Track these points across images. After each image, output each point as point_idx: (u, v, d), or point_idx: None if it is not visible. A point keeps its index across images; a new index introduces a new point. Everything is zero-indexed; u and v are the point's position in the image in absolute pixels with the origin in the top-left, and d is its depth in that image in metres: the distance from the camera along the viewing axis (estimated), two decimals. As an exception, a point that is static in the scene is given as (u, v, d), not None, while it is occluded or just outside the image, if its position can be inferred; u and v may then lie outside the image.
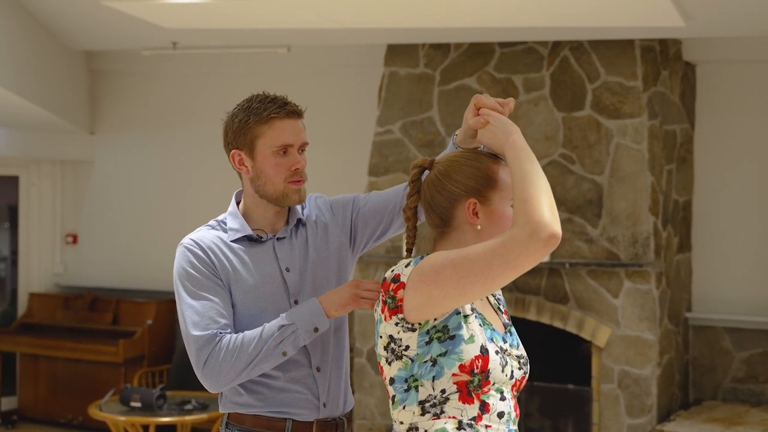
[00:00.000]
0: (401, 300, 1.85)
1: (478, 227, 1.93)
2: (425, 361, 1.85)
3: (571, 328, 5.21)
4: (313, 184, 6.80)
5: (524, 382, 1.98)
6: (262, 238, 2.37)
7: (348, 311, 2.29)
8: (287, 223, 2.42)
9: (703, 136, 5.69)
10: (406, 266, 1.88)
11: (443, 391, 1.85)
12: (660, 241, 5.16)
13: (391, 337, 1.89)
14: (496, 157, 1.98)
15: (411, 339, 1.86)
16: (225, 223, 2.39)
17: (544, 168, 5.39)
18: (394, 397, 1.91)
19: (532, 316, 5.30)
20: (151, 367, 6.79)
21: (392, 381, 1.91)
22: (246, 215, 2.40)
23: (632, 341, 5.08)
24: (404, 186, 2.46)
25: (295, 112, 2.34)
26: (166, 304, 7.11)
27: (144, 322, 7.00)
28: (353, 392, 5.95)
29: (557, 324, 5.25)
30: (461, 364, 1.83)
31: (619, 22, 4.89)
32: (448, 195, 1.94)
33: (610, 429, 5.10)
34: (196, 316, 2.25)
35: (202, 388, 6.44)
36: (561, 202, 5.31)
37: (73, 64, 7.36)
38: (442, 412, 1.85)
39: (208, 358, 2.21)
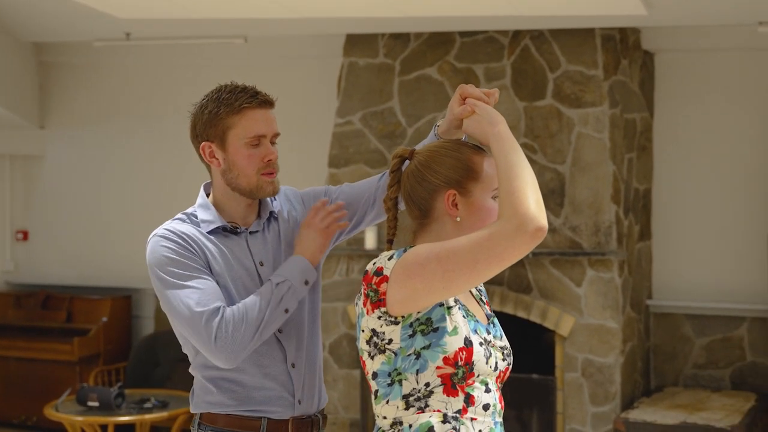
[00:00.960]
0: (384, 293, 1.81)
1: (458, 219, 1.90)
2: (408, 355, 1.82)
3: (534, 318, 5.21)
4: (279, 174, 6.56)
5: (508, 373, 1.95)
6: (237, 229, 2.31)
7: (327, 249, 2.31)
8: (259, 216, 2.36)
9: (662, 125, 5.72)
10: (389, 259, 1.83)
11: (427, 385, 1.81)
12: (622, 230, 5.18)
13: (373, 330, 1.85)
14: (478, 148, 1.95)
15: (394, 332, 1.83)
16: (195, 216, 2.31)
17: (505, 158, 5.40)
18: (377, 391, 1.87)
19: (495, 306, 5.29)
20: (107, 366, 6.66)
21: (375, 375, 1.87)
22: (217, 208, 2.32)
23: (595, 330, 5.09)
24: (378, 177, 2.43)
25: (267, 102, 2.29)
26: (121, 300, 6.98)
27: (99, 320, 6.86)
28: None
29: (521, 314, 5.24)
30: (445, 357, 1.80)
31: (581, 10, 4.89)
32: (427, 186, 1.91)
33: (575, 418, 5.11)
34: (194, 295, 2.17)
35: (160, 386, 6.37)
36: (523, 192, 5.30)
37: (22, 57, 7.18)
38: (427, 405, 1.82)
39: (217, 332, 2.14)
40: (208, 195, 2.37)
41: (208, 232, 2.27)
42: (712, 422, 4.63)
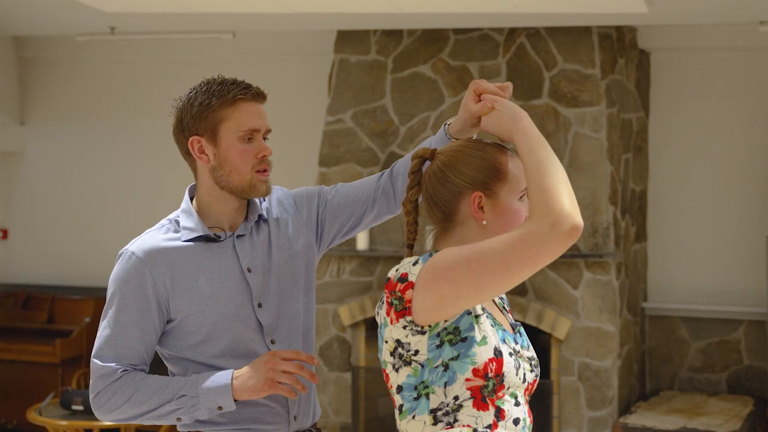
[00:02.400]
0: (409, 301, 1.70)
1: (484, 222, 1.79)
2: (436, 366, 1.71)
3: (530, 321, 5.12)
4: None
5: (535, 385, 1.85)
6: (219, 237, 2.15)
7: (261, 397, 2.07)
8: (246, 219, 2.20)
9: (658, 125, 5.66)
10: (413, 264, 1.72)
11: (456, 398, 1.70)
12: (619, 231, 5.11)
13: (398, 341, 1.74)
14: (502, 147, 1.84)
15: (420, 343, 1.72)
16: (178, 222, 2.17)
17: (500, 157, 5.31)
18: (401, 406, 1.76)
19: (490, 308, 5.20)
20: (90, 368, 6.52)
21: (400, 389, 1.75)
22: (201, 212, 2.17)
23: (592, 333, 5.01)
24: (377, 177, 2.29)
25: (261, 95, 2.17)
26: (104, 300, 6.80)
27: (81, 321, 6.71)
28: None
29: (516, 316, 5.16)
30: (474, 368, 1.69)
31: (577, 8, 4.80)
32: (451, 188, 1.80)
33: (571, 422, 5.03)
34: (105, 345, 2.08)
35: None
36: (519, 192, 5.22)
37: (1, 51, 7.01)
38: (456, 420, 1.71)
39: (101, 391, 2.06)
40: (192, 198, 2.22)
41: (186, 241, 2.13)
42: (712, 428, 4.57)
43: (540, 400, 5.09)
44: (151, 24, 6.07)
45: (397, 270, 1.75)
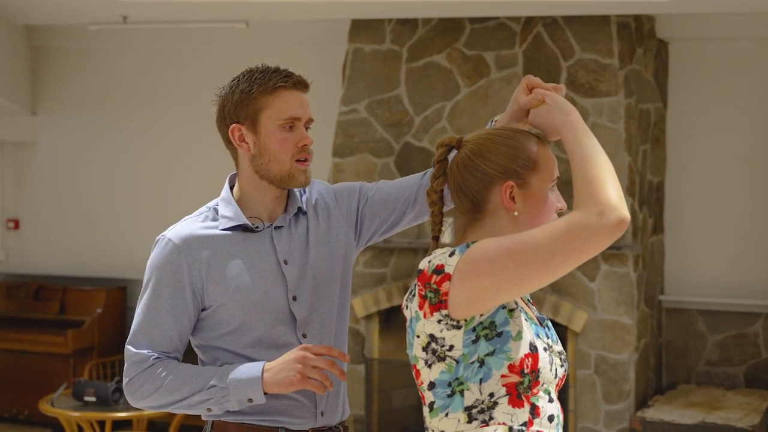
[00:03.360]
0: (446, 294, 1.64)
1: (515, 213, 1.73)
2: (471, 362, 1.66)
3: (546, 314, 5.07)
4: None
5: (563, 380, 1.80)
6: (258, 227, 2.14)
7: (290, 391, 2.04)
8: (285, 210, 2.18)
9: (676, 116, 5.59)
10: (450, 255, 1.66)
11: (491, 395, 1.66)
12: (637, 223, 5.05)
13: (432, 336, 1.68)
14: (532, 134, 1.80)
15: (456, 338, 1.66)
16: (217, 210, 2.16)
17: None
18: (432, 403, 1.70)
19: (505, 300, 5.16)
20: (101, 359, 6.49)
21: (432, 386, 1.70)
22: (241, 201, 2.16)
23: (609, 326, 4.96)
24: (420, 175, 2.26)
25: (303, 84, 2.14)
26: (116, 291, 6.81)
27: (93, 311, 6.69)
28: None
29: (532, 309, 5.11)
30: (510, 364, 1.65)
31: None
32: (482, 177, 1.74)
33: (587, 416, 4.98)
34: (138, 331, 2.09)
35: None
36: (535, 184, 5.16)
37: (14, 40, 6.98)
38: (491, 418, 1.66)
39: (134, 377, 2.08)
40: (232, 187, 2.20)
41: (224, 229, 2.12)
42: (731, 422, 4.51)
43: (556, 394, 5.05)
44: (163, 13, 6.03)
45: (430, 261, 1.69)
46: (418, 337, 1.70)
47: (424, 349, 1.69)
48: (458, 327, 1.66)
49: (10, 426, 6.78)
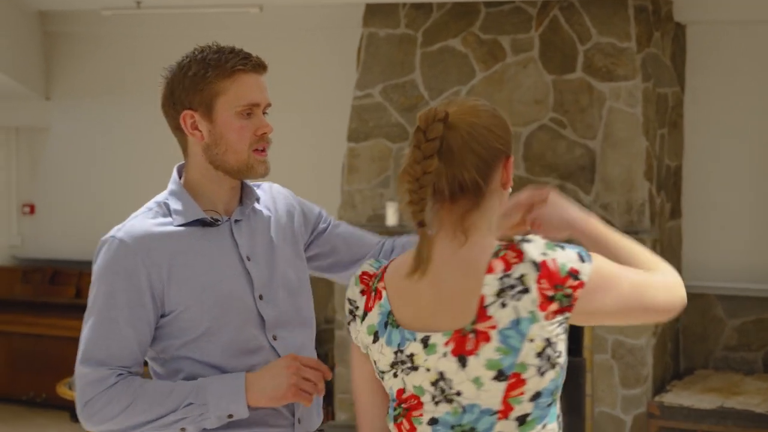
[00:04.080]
0: (576, 300, 1.52)
1: (510, 191, 1.64)
2: (563, 369, 1.58)
3: (563, 298, 5.06)
4: (289, 151, 6.54)
5: None
6: (217, 221, 1.95)
7: (281, 404, 1.88)
8: (242, 203, 2.01)
9: (694, 100, 5.55)
10: (581, 261, 1.52)
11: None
12: (654, 208, 5.02)
13: (548, 340, 1.52)
14: None
15: (563, 343, 1.56)
16: (168, 205, 1.96)
17: (533, 133, 5.23)
18: (526, 416, 1.53)
19: (522, 286, 5.14)
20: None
21: (537, 396, 1.53)
22: (193, 194, 1.96)
23: (627, 311, 4.94)
24: (380, 241, 2.17)
25: (261, 66, 1.95)
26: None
27: (109, 296, 6.72)
28: (334, 366, 5.76)
29: (549, 294, 5.10)
30: None
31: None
32: (492, 153, 1.57)
33: (604, 400, 4.98)
34: (94, 345, 1.85)
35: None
36: (552, 168, 5.14)
37: (27, 26, 6.97)
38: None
39: (93, 398, 1.83)
40: (181, 178, 2.02)
41: (179, 225, 1.92)
42: (750, 407, 4.51)
43: (573, 378, 5.04)
44: (177, -2, 6.01)
45: (554, 259, 1.52)
46: (532, 341, 1.51)
47: (539, 354, 1.51)
48: (565, 332, 1.57)
49: (27, 409, 6.81)
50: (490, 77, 5.34)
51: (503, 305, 1.51)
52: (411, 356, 1.56)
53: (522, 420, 1.53)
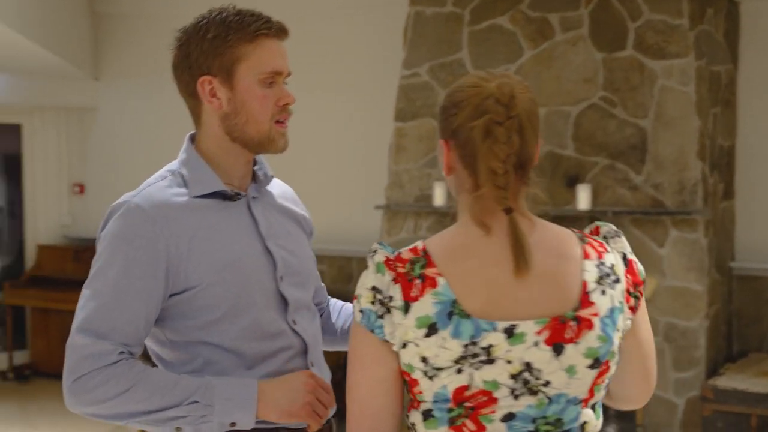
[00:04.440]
0: (639, 308, 1.55)
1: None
2: None
3: (613, 280, 5.00)
4: (336, 131, 6.50)
5: None
6: (239, 195, 1.82)
7: (291, 422, 1.75)
8: (254, 179, 1.89)
9: (747, 78, 5.42)
10: (644, 272, 1.58)
11: None
12: (707, 188, 4.94)
13: (623, 332, 1.54)
14: None
15: None
16: (182, 175, 1.82)
17: (583, 112, 5.15)
18: (596, 403, 1.54)
19: (571, 267, 5.09)
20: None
21: (606, 383, 1.54)
22: (209, 165, 1.83)
23: (679, 292, 4.88)
24: (337, 314, 2.08)
25: (284, 31, 1.82)
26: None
27: (158, 275, 6.78)
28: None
29: (598, 275, 5.04)
30: None
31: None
32: (537, 128, 1.52)
33: (656, 383, 4.92)
34: (98, 315, 1.66)
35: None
36: (602, 148, 5.07)
37: (76, 7, 7.02)
38: None
39: (87, 374, 1.63)
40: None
41: (197, 197, 1.78)
42: (805, 391, 4.43)
43: (622, 361, 4.99)
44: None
45: (635, 261, 1.56)
46: (618, 330, 1.50)
47: (619, 345, 1.52)
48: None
49: (79, 387, 6.94)
50: (539, 55, 5.27)
51: (603, 293, 1.48)
52: (488, 348, 1.42)
53: (593, 407, 1.54)
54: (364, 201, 5.92)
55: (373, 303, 1.45)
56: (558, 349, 1.44)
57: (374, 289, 1.46)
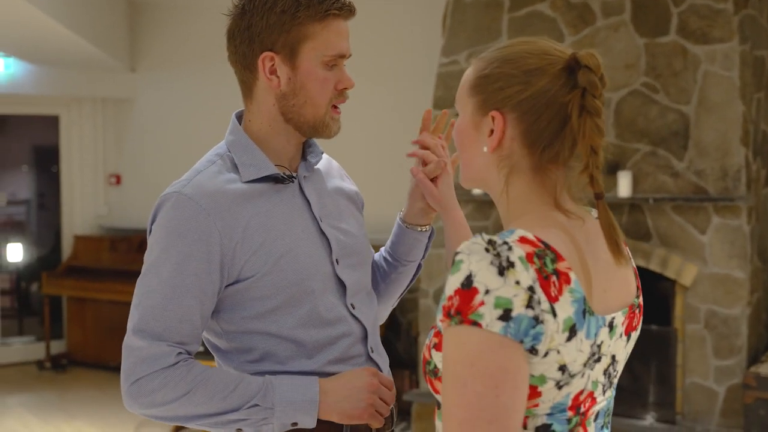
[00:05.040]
0: None
1: None
2: None
3: (654, 267, 4.95)
4: (375, 119, 6.49)
5: None
6: (293, 177, 1.76)
7: (353, 423, 1.71)
8: (304, 158, 1.81)
9: (791, 63, 5.35)
10: None
11: None
12: (751, 174, 4.88)
13: None
14: None
15: None
16: (232, 159, 1.74)
17: (624, 98, 5.11)
18: None
19: (611, 254, 5.04)
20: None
21: None
22: (259, 146, 1.76)
23: (721, 280, 4.82)
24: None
25: (352, 11, 1.74)
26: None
27: (194, 264, 6.81)
28: (418, 335, 5.75)
29: (639, 262, 5.00)
30: None
31: (711, -62, 4.55)
32: None
33: (696, 371, 4.87)
34: (152, 315, 1.62)
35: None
36: (644, 134, 5.03)
37: (113, -2, 7.06)
38: None
39: (145, 377, 1.61)
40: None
41: (248, 182, 1.71)
42: None
43: (663, 348, 4.95)
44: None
45: None
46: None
47: None
48: None
49: (116, 375, 6.97)
50: (580, 42, 5.23)
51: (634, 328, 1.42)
52: (600, 345, 1.29)
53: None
54: (402, 189, 5.90)
55: (529, 306, 1.19)
56: (628, 338, 1.37)
57: (530, 289, 1.20)
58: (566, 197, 1.35)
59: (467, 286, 1.18)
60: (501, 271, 1.18)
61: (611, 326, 1.31)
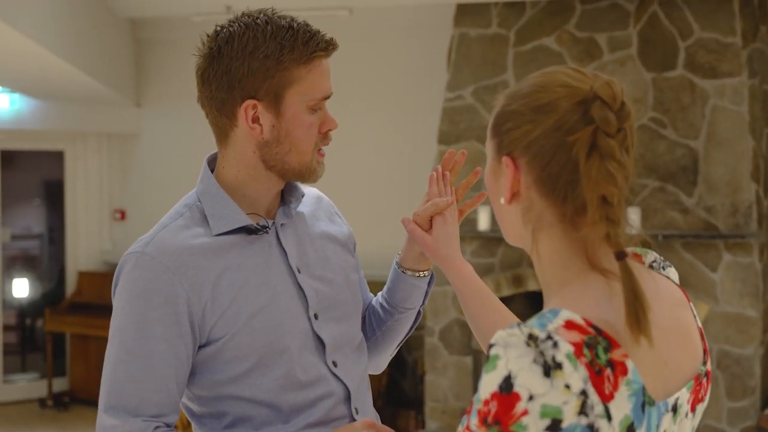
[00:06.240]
0: None
1: None
2: None
3: (664, 305, 4.85)
4: (379, 153, 6.41)
5: None
6: (266, 227, 1.61)
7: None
8: (283, 202, 1.66)
9: (801, 97, 5.28)
10: None
11: None
12: (762, 210, 4.79)
13: None
14: None
15: None
16: (201, 210, 1.61)
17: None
18: None
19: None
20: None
21: None
22: (232, 194, 1.62)
23: (733, 318, 4.72)
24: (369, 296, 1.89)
25: (335, 47, 1.60)
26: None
27: (198, 301, 6.73)
28: (424, 374, 5.65)
29: (649, 300, 4.90)
30: None
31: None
32: None
33: (709, 413, 4.75)
34: (123, 389, 1.50)
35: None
36: (652, 170, 4.95)
37: (119, 33, 7.06)
38: None
39: None
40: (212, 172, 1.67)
41: (219, 235, 1.58)
42: None
43: (674, 389, 4.83)
44: (266, 2, 5.96)
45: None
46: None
47: None
48: None
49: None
50: (586, 76, 5.18)
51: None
52: None
53: None
54: (406, 225, 5.82)
55: (582, 413, 0.99)
56: (695, 413, 1.16)
57: (583, 393, 0.99)
58: (606, 252, 1.09)
59: (507, 389, 0.98)
60: (547, 372, 0.98)
61: (675, 409, 1.10)
